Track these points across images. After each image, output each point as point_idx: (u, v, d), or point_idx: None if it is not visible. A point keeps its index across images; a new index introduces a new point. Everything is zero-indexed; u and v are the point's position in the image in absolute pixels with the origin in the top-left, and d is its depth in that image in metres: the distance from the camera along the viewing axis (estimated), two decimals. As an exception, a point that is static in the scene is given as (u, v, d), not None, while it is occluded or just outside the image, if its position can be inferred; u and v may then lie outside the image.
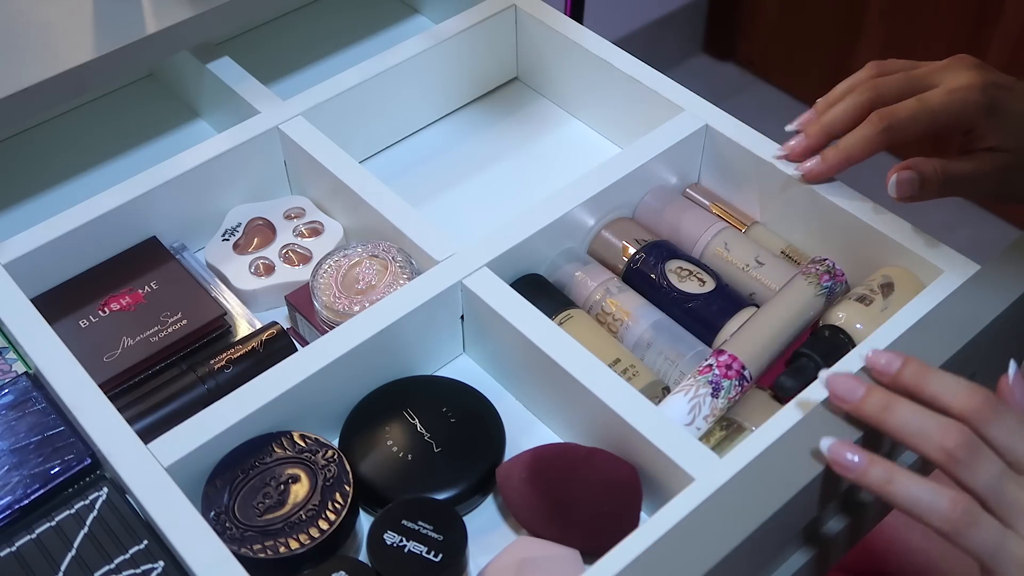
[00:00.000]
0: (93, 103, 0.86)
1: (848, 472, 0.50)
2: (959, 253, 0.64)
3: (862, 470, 0.49)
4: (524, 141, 0.83)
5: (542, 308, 0.63)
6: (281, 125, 0.74)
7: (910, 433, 0.49)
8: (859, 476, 0.49)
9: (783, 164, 0.70)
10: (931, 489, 0.48)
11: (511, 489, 0.58)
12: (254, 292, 0.70)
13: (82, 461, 0.56)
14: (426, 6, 0.93)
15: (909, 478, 0.48)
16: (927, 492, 0.48)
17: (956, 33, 1.72)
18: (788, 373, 0.62)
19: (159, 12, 0.75)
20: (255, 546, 0.55)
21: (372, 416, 0.62)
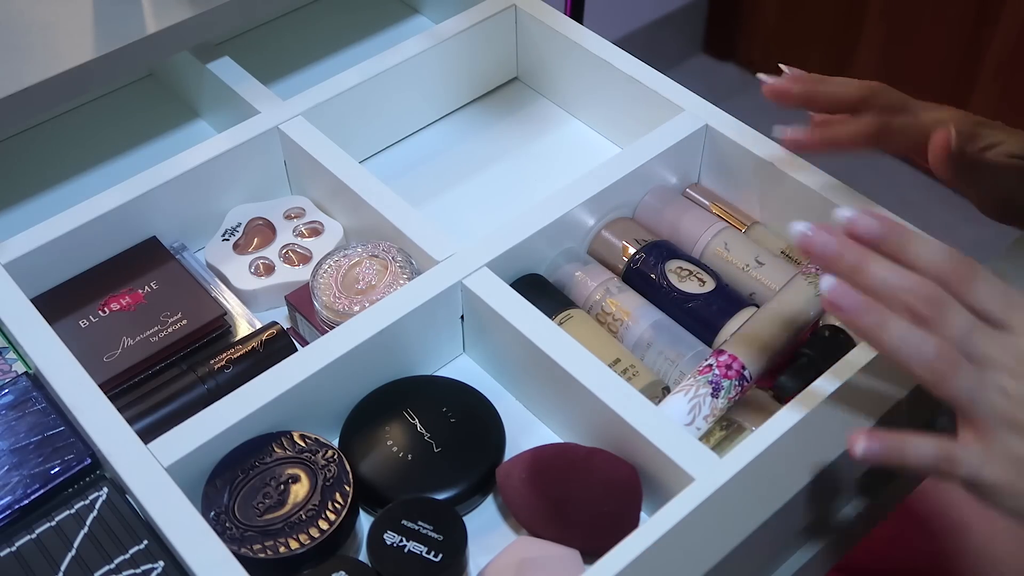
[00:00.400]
0: (93, 103, 0.86)
1: (844, 314, 0.49)
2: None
3: (857, 312, 0.49)
4: (524, 141, 0.83)
5: (542, 308, 0.63)
6: (281, 125, 0.74)
7: (884, 295, 0.49)
8: (854, 318, 0.49)
9: (783, 164, 0.70)
10: (921, 335, 0.48)
11: (511, 489, 0.58)
12: (254, 292, 0.70)
13: (82, 461, 0.56)
14: (426, 6, 0.93)
15: (900, 323, 0.48)
16: (916, 337, 0.48)
17: (956, 33, 1.72)
18: (788, 373, 0.62)
19: (159, 12, 0.75)
20: (255, 546, 0.55)
21: (372, 416, 0.62)
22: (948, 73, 1.76)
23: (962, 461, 0.48)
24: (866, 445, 0.49)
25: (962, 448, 0.49)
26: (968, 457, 0.48)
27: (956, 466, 0.48)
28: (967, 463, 0.48)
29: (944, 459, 0.49)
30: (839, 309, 0.49)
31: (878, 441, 0.49)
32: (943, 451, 0.49)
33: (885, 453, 0.49)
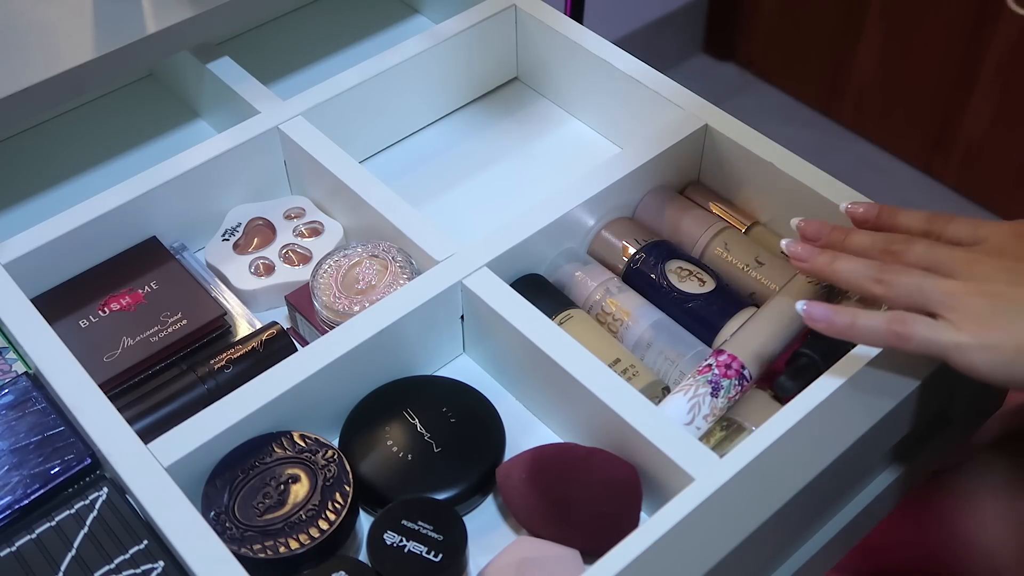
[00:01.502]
0: (93, 103, 0.86)
1: (800, 261, 0.57)
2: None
3: (811, 256, 0.57)
4: (524, 141, 0.83)
5: (542, 308, 0.63)
6: (281, 125, 0.74)
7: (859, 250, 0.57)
8: (809, 263, 0.57)
9: (783, 164, 0.70)
10: (865, 262, 0.55)
11: (511, 489, 0.58)
12: (254, 292, 0.70)
13: (82, 461, 0.56)
14: (426, 6, 0.93)
15: (849, 258, 0.56)
16: (861, 264, 0.55)
17: (956, 33, 1.72)
18: (788, 373, 0.62)
19: (159, 12, 0.75)
20: (255, 546, 0.55)
21: (372, 416, 0.62)
22: (948, 73, 1.76)
23: (916, 321, 0.53)
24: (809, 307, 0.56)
25: (913, 316, 0.53)
26: (922, 320, 0.53)
27: (910, 327, 0.53)
28: (923, 323, 0.53)
29: (896, 320, 0.53)
30: (814, 321, 0.56)
31: (826, 307, 0.55)
32: (895, 315, 0.53)
33: (832, 317, 0.55)
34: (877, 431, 0.56)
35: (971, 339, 0.51)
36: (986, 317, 0.51)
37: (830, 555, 0.63)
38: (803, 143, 1.81)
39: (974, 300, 0.52)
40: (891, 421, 0.56)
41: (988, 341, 0.51)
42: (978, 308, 0.52)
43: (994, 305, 0.52)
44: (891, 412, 0.56)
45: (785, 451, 0.54)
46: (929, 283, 0.54)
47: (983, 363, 0.51)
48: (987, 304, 0.52)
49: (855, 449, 0.55)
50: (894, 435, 0.59)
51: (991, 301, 0.52)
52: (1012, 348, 0.50)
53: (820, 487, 0.54)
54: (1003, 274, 0.53)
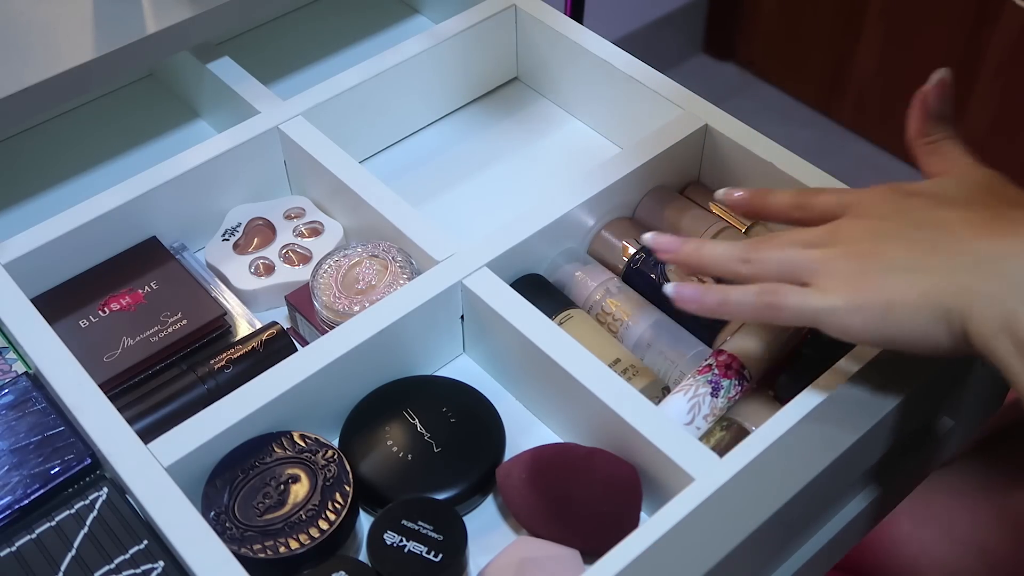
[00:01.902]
0: (93, 103, 0.86)
1: (690, 303, 0.56)
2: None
3: (700, 298, 0.55)
4: (524, 141, 0.83)
5: (542, 308, 0.63)
6: (281, 125, 0.74)
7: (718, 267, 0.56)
8: (700, 303, 0.55)
9: (783, 164, 0.70)
10: (743, 288, 0.54)
11: (511, 489, 0.58)
12: (254, 292, 0.70)
13: (82, 461, 0.56)
14: (426, 6, 0.93)
15: (735, 290, 0.54)
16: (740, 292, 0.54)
17: (956, 33, 1.72)
18: (788, 373, 0.62)
19: (159, 12, 0.75)
20: (255, 546, 0.55)
21: (372, 416, 0.62)
22: (948, 73, 1.76)
23: (787, 291, 0.52)
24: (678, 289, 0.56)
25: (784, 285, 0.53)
26: (792, 288, 0.52)
27: (781, 296, 0.52)
28: (793, 291, 0.52)
29: (766, 291, 0.53)
30: (684, 301, 0.56)
31: (696, 287, 0.55)
32: (765, 286, 0.53)
33: (702, 296, 0.55)
34: (878, 431, 0.56)
35: (841, 301, 0.51)
36: (854, 277, 0.51)
37: (830, 554, 0.63)
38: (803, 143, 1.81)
39: (840, 263, 0.52)
40: (893, 421, 0.56)
41: (858, 301, 0.50)
42: (845, 269, 0.51)
43: (860, 264, 0.51)
44: (892, 412, 0.56)
45: (785, 451, 0.54)
46: (796, 253, 0.53)
47: (855, 324, 0.50)
48: (854, 264, 0.51)
49: (856, 449, 0.55)
50: (895, 435, 0.59)
51: (858, 261, 0.51)
52: (882, 305, 0.50)
53: (820, 487, 0.54)
54: (867, 234, 0.52)
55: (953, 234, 0.50)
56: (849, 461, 0.55)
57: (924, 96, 0.58)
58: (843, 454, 0.54)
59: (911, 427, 0.60)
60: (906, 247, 0.51)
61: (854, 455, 0.55)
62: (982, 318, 0.47)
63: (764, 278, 0.54)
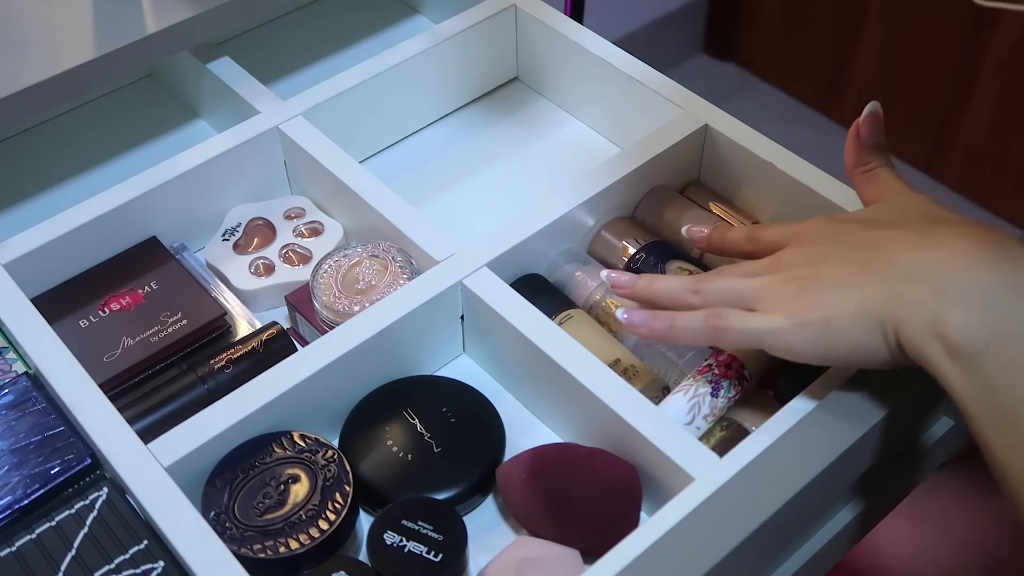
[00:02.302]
0: (93, 103, 0.86)
1: (638, 328, 0.59)
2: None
3: (649, 325, 0.58)
4: (524, 141, 0.83)
5: (542, 308, 0.63)
6: (281, 125, 0.74)
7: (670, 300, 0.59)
8: (649, 329, 0.58)
9: (783, 164, 0.70)
10: (690, 314, 0.57)
11: (511, 489, 0.58)
12: (254, 292, 0.70)
13: (82, 461, 0.56)
14: (426, 6, 0.93)
15: (682, 316, 0.57)
16: (687, 318, 0.57)
17: (956, 33, 1.72)
18: (788, 373, 0.62)
19: (159, 12, 0.75)
20: (255, 546, 0.55)
21: (372, 416, 0.62)
22: (948, 73, 1.76)
23: (731, 314, 0.55)
24: (629, 315, 0.58)
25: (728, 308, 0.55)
26: (736, 312, 0.55)
27: (724, 319, 0.55)
28: (736, 315, 0.55)
29: (712, 315, 0.55)
30: (634, 327, 0.58)
31: (645, 313, 0.58)
32: (711, 311, 0.56)
33: (651, 322, 0.58)
34: (878, 431, 0.56)
35: (782, 321, 0.53)
36: (794, 298, 0.53)
37: (830, 554, 0.63)
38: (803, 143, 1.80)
39: (781, 287, 0.54)
40: (893, 421, 0.56)
41: (799, 320, 0.53)
42: (785, 292, 0.54)
43: (800, 286, 0.54)
44: (892, 412, 0.56)
45: (785, 451, 0.54)
46: (740, 282, 0.56)
47: (798, 342, 0.53)
48: (793, 287, 0.54)
49: (856, 449, 0.55)
50: (896, 435, 0.59)
51: (797, 284, 0.54)
52: (821, 321, 0.52)
53: (820, 487, 0.54)
54: (805, 259, 0.55)
55: (884, 250, 0.52)
56: (848, 461, 0.55)
57: (857, 128, 0.61)
58: (843, 454, 0.54)
59: (910, 428, 0.60)
60: (841, 266, 0.53)
61: (854, 455, 0.55)
62: (912, 323, 0.49)
63: (712, 306, 0.57)
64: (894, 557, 0.79)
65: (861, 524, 0.64)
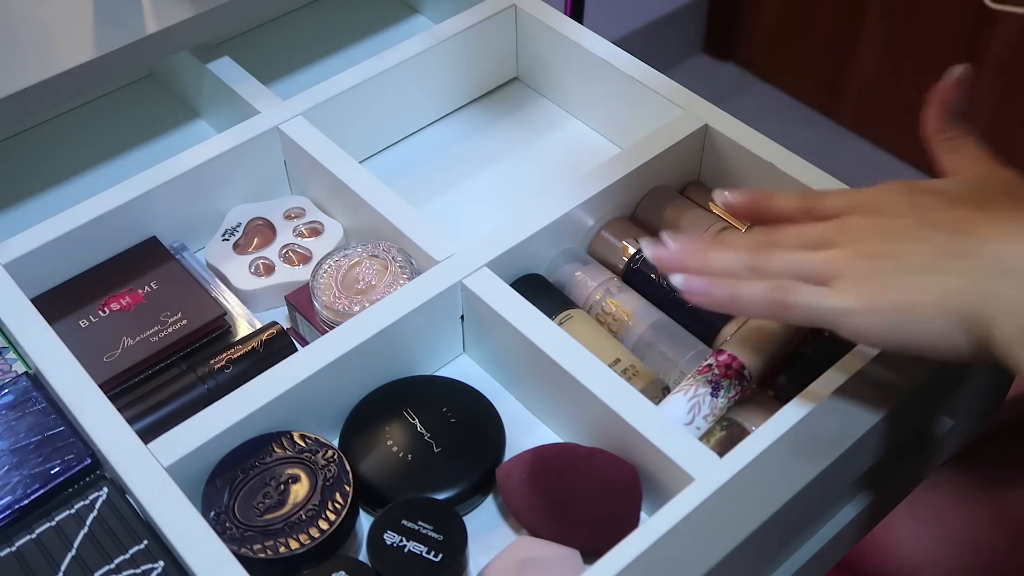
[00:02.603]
0: (93, 103, 0.86)
1: (699, 296, 0.54)
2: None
3: (708, 291, 0.54)
4: (524, 141, 0.83)
5: (542, 308, 0.63)
6: (281, 125, 0.74)
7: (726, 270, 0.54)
8: (709, 296, 0.54)
9: (783, 164, 0.70)
10: (751, 284, 0.53)
11: (511, 489, 0.58)
12: (254, 292, 0.70)
13: (82, 461, 0.56)
14: (426, 6, 0.93)
15: (745, 285, 0.53)
16: (749, 288, 0.53)
17: (956, 33, 1.72)
18: (788, 373, 0.62)
19: (159, 12, 0.75)
20: (255, 546, 0.55)
21: (372, 416, 0.62)
22: (948, 73, 1.76)
23: (799, 289, 0.51)
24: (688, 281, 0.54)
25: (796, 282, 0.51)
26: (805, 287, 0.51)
27: (792, 294, 0.51)
28: (806, 290, 0.51)
29: (778, 288, 0.51)
30: (692, 293, 0.54)
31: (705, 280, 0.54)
32: (777, 283, 0.52)
33: (711, 290, 0.53)
34: (878, 431, 0.56)
35: (856, 303, 0.49)
36: (867, 278, 0.49)
37: (829, 554, 0.63)
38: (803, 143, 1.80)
39: (853, 263, 0.50)
40: (892, 421, 0.56)
41: (872, 303, 0.49)
42: (858, 270, 0.50)
43: (873, 265, 0.49)
44: (892, 412, 0.56)
45: (785, 451, 0.54)
46: (804, 257, 0.52)
47: (869, 327, 0.49)
48: (866, 265, 0.49)
49: (856, 449, 0.55)
50: (895, 435, 0.59)
51: (870, 262, 0.50)
52: (897, 308, 0.48)
53: (820, 487, 0.54)
54: (879, 232, 0.51)
55: (973, 235, 0.48)
56: (849, 461, 0.55)
57: (942, 92, 0.55)
58: (843, 454, 0.54)
59: (910, 427, 0.60)
60: (922, 248, 0.49)
61: (854, 455, 0.55)
62: (1007, 326, 0.45)
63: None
64: (893, 557, 0.79)
65: (861, 524, 0.64)
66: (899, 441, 0.60)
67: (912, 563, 0.79)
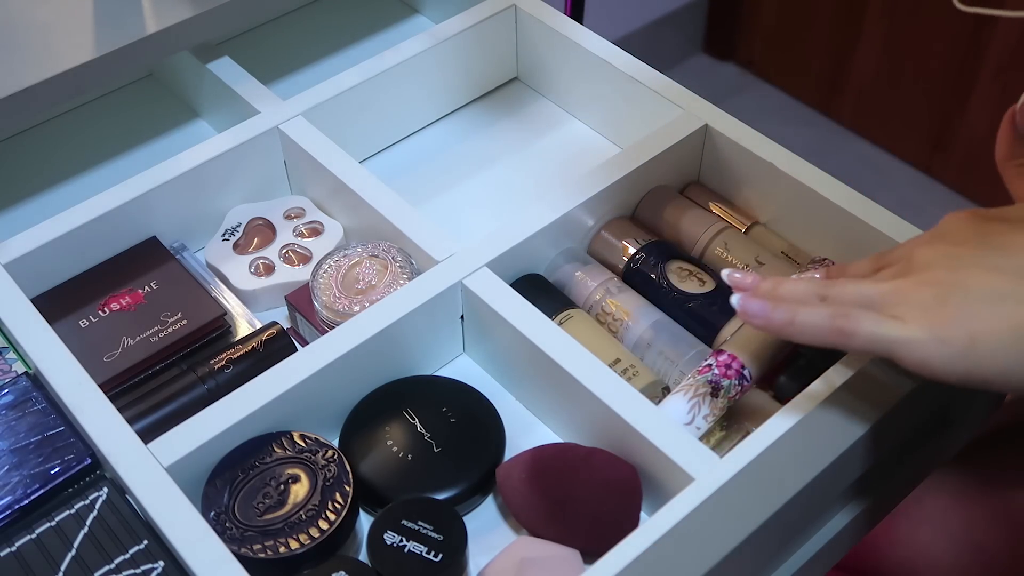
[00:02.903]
0: (93, 103, 0.86)
1: (756, 319, 0.53)
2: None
3: (766, 313, 0.53)
4: (524, 141, 0.83)
5: (542, 308, 0.63)
6: (281, 125, 0.74)
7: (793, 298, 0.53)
8: (766, 319, 0.53)
9: (783, 164, 0.70)
10: (814, 308, 0.52)
11: (511, 489, 0.58)
12: (254, 292, 0.70)
13: (82, 461, 0.56)
14: (426, 6, 0.93)
15: (807, 309, 0.52)
16: (811, 313, 0.52)
17: (956, 33, 1.72)
18: (788, 373, 0.62)
19: (159, 12, 0.75)
20: (255, 546, 0.55)
21: (372, 416, 0.62)
22: (948, 73, 1.76)
23: (862, 316, 0.49)
24: (744, 302, 0.53)
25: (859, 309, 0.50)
26: (867, 315, 0.49)
27: (854, 322, 0.49)
28: (868, 318, 0.49)
29: (839, 316, 0.50)
30: (750, 316, 0.53)
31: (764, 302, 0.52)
32: (839, 310, 0.50)
33: (770, 313, 0.52)
34: (879, 431, 0.56)
35: (921, 332, 0.48)
36: (932, 307, 0.48)
37: (829, 554, 0.63)
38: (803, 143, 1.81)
39: (917, 292, 0.49)
40: (893, 421, 0.56)
41: (940, 334, 0.47)
42: (923, 299, 0.48)
43: (939, 292, 0.48)
44: (893, 412, 0.56)
45: (785, 451, 0.54)
46: (869, 286, 0.51)
47: (935, 358, 0.47)
48: (931, 293, 0.48)
49: (856, 449, 0.55)
50: (896, 435, 0.59)
51: (935, 289, 0.48)
52: (965, 338, 0.46)
53: (820, 487, 0.54)
54: (944, 260, 0.49)
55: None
56: (848, 462, 0.55)
57: (1012, 116, 0.53)
58: (843, 454, 0.54)
59: (910, 427, 0.60)
60: (990, 276, 0.47)
61: (854, 455, 0.55)
62: None
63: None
64: (893, 557, 0.79)
65: (861, 524, 0.64)
66: (898, 441, 0.60)
67: (912, 563, 0.79)
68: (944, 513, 0.78)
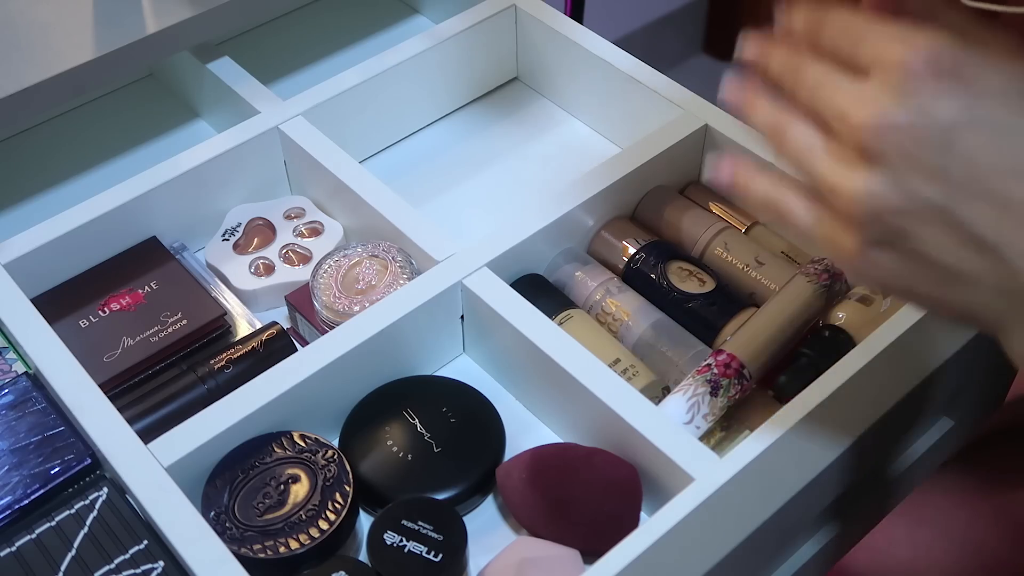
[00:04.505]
0: (93, 103, 0.86)
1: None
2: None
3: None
4: (524, 141, 0.83)
5: (542, 308, 0.63)
6: (281, 125, 0.74)
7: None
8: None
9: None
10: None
11: (511, 489, 0.58)
12: (254, 292, 0.70)
13: (82, 461, 0.56)
14: (426, 6, 0.93)
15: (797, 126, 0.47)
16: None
17: (956, 33, 1.72)
18: (788, 373, 0.62)
19: (159, 12, 0.75)
20: (255, 546, 0.55)
21: (372, 416, 0.62)
22: (948, 73, 1.76)
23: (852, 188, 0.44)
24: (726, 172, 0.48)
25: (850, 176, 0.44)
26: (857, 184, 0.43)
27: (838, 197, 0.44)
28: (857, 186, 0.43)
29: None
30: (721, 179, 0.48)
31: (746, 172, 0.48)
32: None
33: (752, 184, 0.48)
34: (880, 430, 0.56)
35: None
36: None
37: (829, 555, 0.63)
38: (803, 143, 1.80)
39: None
40: (894, 420, 0.56)
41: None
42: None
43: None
44: (893, 412, 0.56)
45: (785, 451, 0.54)
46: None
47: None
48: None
49: (856, 449, 0.55)
50: (896, 435, 0.59)
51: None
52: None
53: (820, 488, 0.54)
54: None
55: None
56: (848, 462, 0.55)
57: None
58: (843, 454, 0.54)
59: (910, 427, 0.60)
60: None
61: (854, 455, 0.55)
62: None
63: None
64: (893, 557, 0.79)
65: (860, 525, 0.64)
66: (898, 442, 0.60)
67: (912, 564, 0.79)
68: (945, 513, 0.78)
